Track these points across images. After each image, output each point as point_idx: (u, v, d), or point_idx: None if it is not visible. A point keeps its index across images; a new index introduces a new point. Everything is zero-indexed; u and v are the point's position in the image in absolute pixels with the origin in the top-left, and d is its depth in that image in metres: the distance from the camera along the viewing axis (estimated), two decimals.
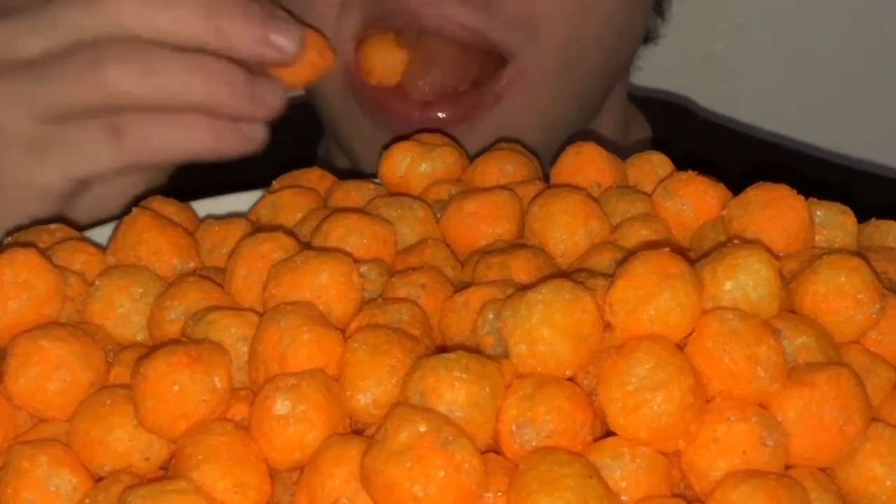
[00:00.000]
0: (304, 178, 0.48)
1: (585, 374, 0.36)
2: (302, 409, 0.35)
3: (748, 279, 0.36)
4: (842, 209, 0.43)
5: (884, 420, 0.37)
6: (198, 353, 0.36)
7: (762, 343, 0.35)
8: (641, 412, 0.34)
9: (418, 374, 0.35)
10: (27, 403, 0.38)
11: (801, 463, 0.35)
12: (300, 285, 0.38)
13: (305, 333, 0.36)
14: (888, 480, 0.36)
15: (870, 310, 0.38)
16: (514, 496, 0.33)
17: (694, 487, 0.35)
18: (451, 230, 0.43)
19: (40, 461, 0.36)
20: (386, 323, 0.38)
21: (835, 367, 0.36)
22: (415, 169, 0.46)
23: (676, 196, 0.43)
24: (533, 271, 0.40)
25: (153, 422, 0.36)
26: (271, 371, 0.36)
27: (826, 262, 0.38)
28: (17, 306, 0.39)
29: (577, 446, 0.34)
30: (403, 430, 0.33)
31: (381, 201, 0.44)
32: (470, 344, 0.38)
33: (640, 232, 0.42)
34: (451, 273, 0.42)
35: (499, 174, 0.46)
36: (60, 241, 0.43)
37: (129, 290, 0.40)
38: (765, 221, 0.41)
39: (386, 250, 0.42)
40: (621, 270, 0.36)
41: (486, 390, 0.34)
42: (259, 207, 0.46)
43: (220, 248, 0.43)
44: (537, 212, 0.42)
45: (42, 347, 0.38)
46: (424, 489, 0.32)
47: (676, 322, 0.35)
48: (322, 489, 0.34)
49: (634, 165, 0.46)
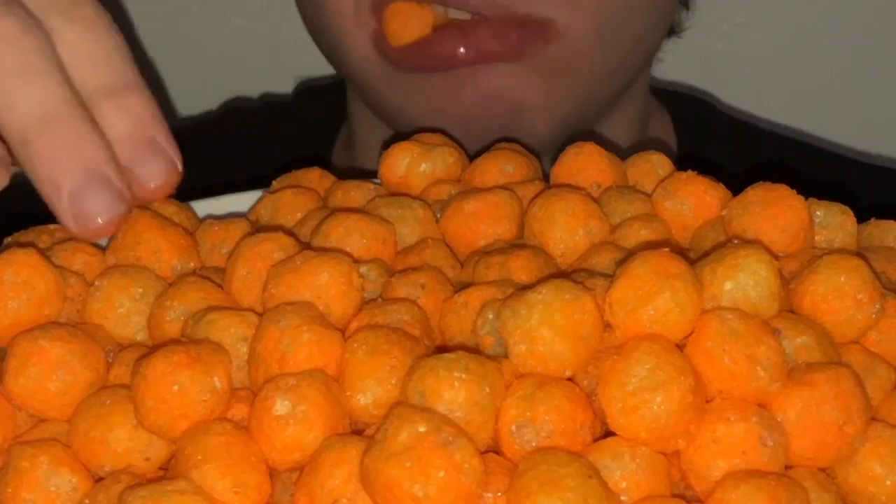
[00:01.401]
0: (304, 178, 0.48)
1: (585, 374, 0.36)
2: (302, 409, 0.35)
3: (748, 279, 0.36)
4: (842, 209, 0.43)
5: (884, 420, 0.37)
6: (198, 353, 0.36)
7: (762, 343, 0.35)
8: (641, 412, 0.34)
9: (418, 374, 0.35)
10: (27, 403, 0.38)
11: (801, 463, 0.35)
12: (300, 285, 0.38)
13: (305, 333, 0.36)
14: (888, 480, 0.36)
15: (870, 310, 0.38)
16: (514, 496, 0.33)
17: (694, 487, 0.35)
18: (451, 230, 0.43)
19: (40, 461, 0.36)
20: (386, 323, 0.38)
21: (835, 367, 0.36)
22: (415, 169, 0.46)
23: (676, 196, 0.43)
24: (533, 271, 0.40)
25: (153, 422, 0.36)
26: (271, 371, 0.36)
27: (826, 262, 0.38)
28: (17, 306, 0.39)
29: (576, 446, 0.34)
30: (403, 430, 0.33)
31: (381, 201, 0.44)
32: (470, 344, 0.38)
33: (640, 232, 0.42)
34: (451, 273, 0.42)
35: (499, 174, 0.46)
36: (60, 242, 0.43)
37: (129, 290, 0.40)
38: (765, 221, 0.41)
39: (386, 250, 0.42)
40: (621, 270, 0.36)
41: (486, 390, 0.34)
42: (259, 207, 0.46)
43: (220, 248, 0.43)
44: (537, 212, 0.42)
45: (42, 347, 0.38)
46: (424, 489, 0.32)
47: (676, 322, 0.35)
48: (322, 489, 0.34)
49: (634, 165, 0.46)
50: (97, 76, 0.41)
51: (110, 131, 0.40)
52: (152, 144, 0.41)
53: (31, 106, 0.39)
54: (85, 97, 0.40)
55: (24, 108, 0.39)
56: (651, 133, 0.77)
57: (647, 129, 0.77)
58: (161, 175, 0.41)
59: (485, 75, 0.62)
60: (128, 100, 0.41)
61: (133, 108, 0.41)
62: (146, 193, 0.41)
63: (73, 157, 0.39)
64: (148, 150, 0.40)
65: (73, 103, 0.39)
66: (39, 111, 0.39)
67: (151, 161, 0.41)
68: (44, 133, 0.39)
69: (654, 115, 0.78)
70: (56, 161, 0.39)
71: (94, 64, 0.41)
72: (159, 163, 0.41)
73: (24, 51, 0.39)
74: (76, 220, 0.40)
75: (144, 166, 0.41)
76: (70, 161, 0.39)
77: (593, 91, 0.66)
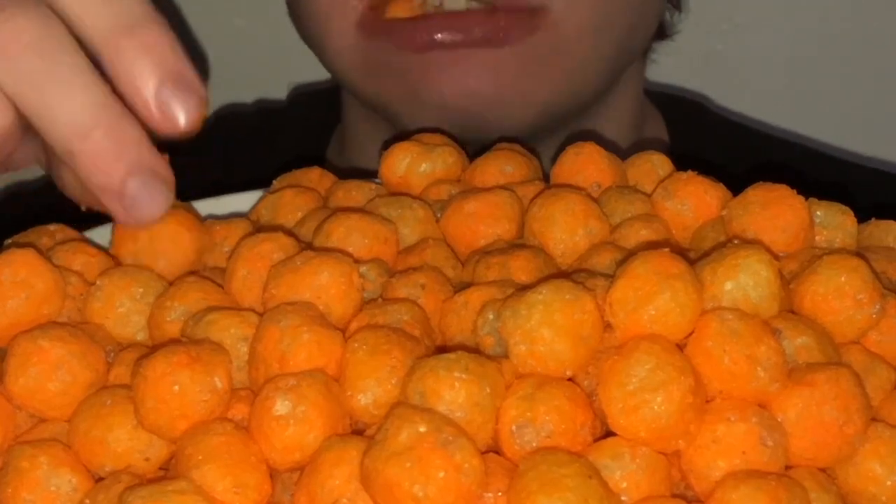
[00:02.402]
0: (305, 177, 0.48)
1: (585, 374, 0.36)
2: (302, 410, 0.35)
3: (748, 279, 0.36)
4: (842, 209, 0.43)
5: (884, 420, 0.37)
6: (198, 353, 0.36)
7: (762, 343, 0.35)
8: (641, 412, 0.34)
9: (418, 374, 0.35)
10: (27, 403, 0.38)
11: (801, 463, 0.35)
12: (300, 285, 0.38)
13: (305, 333, 0.36)
14: (888, 480, 0.36)
15: (870, 310, 0.38)
16: (514, 496, 0.33)
17: (694, 488, 0.35)
18: (451, 230, 0.43)
19: (40, 461, 0.36)
20: (386, 323, 0.38)
21: (835, 367, 0.36)
22: (415, 169, 0.46)
23: (676, 196, 0.43)
24: (533, 271, 0.40)
25: (153, 422, 0.36)
26: (271, 371, 0.36)
27: (826, 262, 0.38)
28: (16, 305, 0.39)
29: (577, 447, 0.34)
30: (403, 431, 0.33)
31: (381, 201, 0.44)
32: (470, 344, 0.38)
33: (640, 232, 0.42)
34: (451, 273, 0.42)
35: (498, 174, 0.46)
36: (61, 243, 0.43)
37: (129, 290, 0.40)
38: (765, 221, 0.41)
39: (387, 250, 0.42)
40: (621, 270, 0.36)
41: (486, 390, 0.34)
42: (260, 207, 0.47)
43: (221, 247, 0.43)
44: (537, 212, 0.42)
45: (42, 347, 0.38)
46: (424, 489, 0.32)
47: (676, 322, 0.35)
48: (322, 489, 0.34)
49: (634, 165, 0.46)
50: (110, 14, 0.40)
51: (135, 72, 0.40)
52: (178, 80, 0.40)
53: (70, 115, 0.39)
54: (102, 39, 0.40)
55: (64, 117, 0.39)
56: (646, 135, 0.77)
57: (643, 132, 0.77)
58: (192, 111, 0.40)
59: (464, 61, 0.62)
60: (147, 36, 0.40)
61: (154, 43, 0.40)
62: (177, 130, 0.41)
63: (117, 159, 0.39)
64: (175, 87, 0.40)
65: (108, 103, 0.39)
66: (79, 118, 0.39)
67: (180, 98, 0.40)
68: (87, 139, 0.39)
69: (648, 117, 0.78)
70: (102, 165, 0.39)
71: (105, 1, 0.40)
72: (188, 98, 0.40)
73: (50, 52, 0.39)
74: (133, 218, 0.40)
75: (173, 104, 0.40)
76: (115, 164, 0.39)
77: (577, 82, 0.65)
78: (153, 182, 0.40)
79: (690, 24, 0.84)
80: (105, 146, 0.39)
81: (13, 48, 0.39)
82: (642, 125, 0.77)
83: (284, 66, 0.92)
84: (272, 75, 0.95)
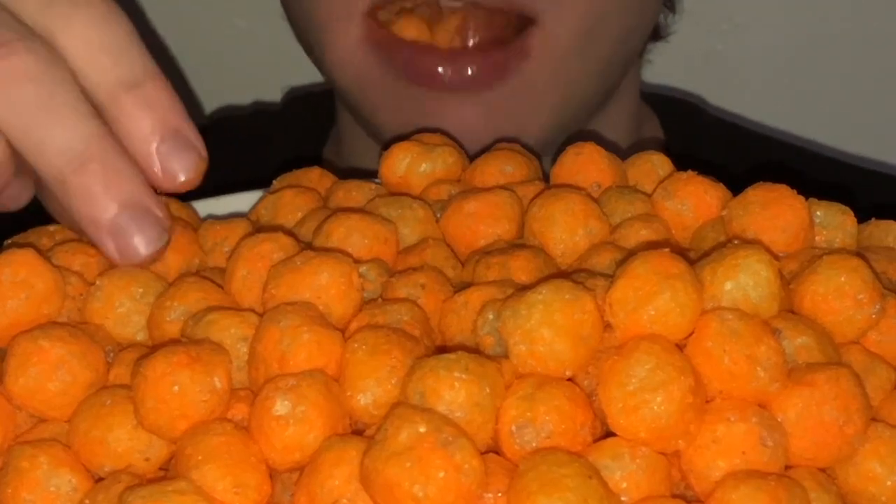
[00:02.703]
0: (305, 177, 0.48)
1: (585, 374, 0.36)
2: (302, 410, 0.35)
3: (748, 279, 0.36)
4: (842, 209, 0.43)
5: (884, 420, 0.37)
6: (198, 353, 0.36)
7: (762, 343, 0.35)
8: (641, 412, 0.34)
9: (418, 374, 0.35)
10: (27, 403, 0.38)
11: (801, 463, 0.35)
12: (300, 286, 0.38)
13: (305, 333, 0.36)
14: (888, 480, 0.36)
15: (870, 310, 0.38)
16: (514, 497, 0.33)
17: (694, 488, 0.35)
18: (451, 230, 0.43)
19: (40, 461, 0.36)
20: (386, 323, 0.38)
21: (835, 367, 0.36)
22: (415, 169, 0.46)
23: (676, 196, 0.43)
24: (533, 271, 0.40)
25: (153, 422, 0.36)
26: (271, 371, 0.36)
27: (826, 262, 0.38)
28: (15, 305, 0.39)
29: (577, 447, 0.34)
30: (403, 431, 0.33)
31: (381, 201, 0.44)
32: (470, 344, 0.38)
33: (640, 232, 0.42)
34: (451, 273, 0.42)
35: (498, 174, 0.46)
36: (60, 243, 0.43)
37: (129, 290, 0.40)
38: (765, 221, 0.41)
39: (388, 250, 0.42)
40: (621, 270, 0.36)
41: (486, 390, 0.34)
42: (260, 207, 0.47)
43: (221, 247, 0.43)
44: (537, 212, 0.42)
45: (42, 347, 0.38)
46: (424, 489, 0.32)
47: (676, 322, 0.35)
48: (322, 489, 0.34)
49: (634, 165, 0.46)
50: (114, 69, 0.40)
51: (135, 127, 0.40)
52: (177, 137, 0.40)
53: (63, 145, 0.39)
54: (106, 92, 0.40)
55: (56, 147, 0.39)
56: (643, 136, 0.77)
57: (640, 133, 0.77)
58: (190, 168, 0.41)
59: (463, 100, 0.63)
60: (149, 92, 0.40)
61: (155, 100, 0.40)
62: (176, 187, 0.41)
63: (110, 193, 0.39)
64: (174, 144, 0.40)
65: (102, 136, 0.39)
66: (72, 150, 0.39)
67: (179, 154, 0.40)
68: (78, 172, 0.39)
69: (644, 119, 0.78)
70: (94, 198, 0.39)
71: (110, 56, 0.40)
72: (187, 155, 0.40)
73: (49, 85, 0.39)
74: (121, 254, 0.40)
75: (173, 160, 0.40)
76: (107, 197, 0.39)
77: (579, 94, 0.66)
78: (145, 219, 0.39)
79: (690, 25, 0.84)
80: (97, 178, 0.39)
81: (11, 79, 0.39)
82: (640, 127, 0.77)
83: (279, 69, 0.92)
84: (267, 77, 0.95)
